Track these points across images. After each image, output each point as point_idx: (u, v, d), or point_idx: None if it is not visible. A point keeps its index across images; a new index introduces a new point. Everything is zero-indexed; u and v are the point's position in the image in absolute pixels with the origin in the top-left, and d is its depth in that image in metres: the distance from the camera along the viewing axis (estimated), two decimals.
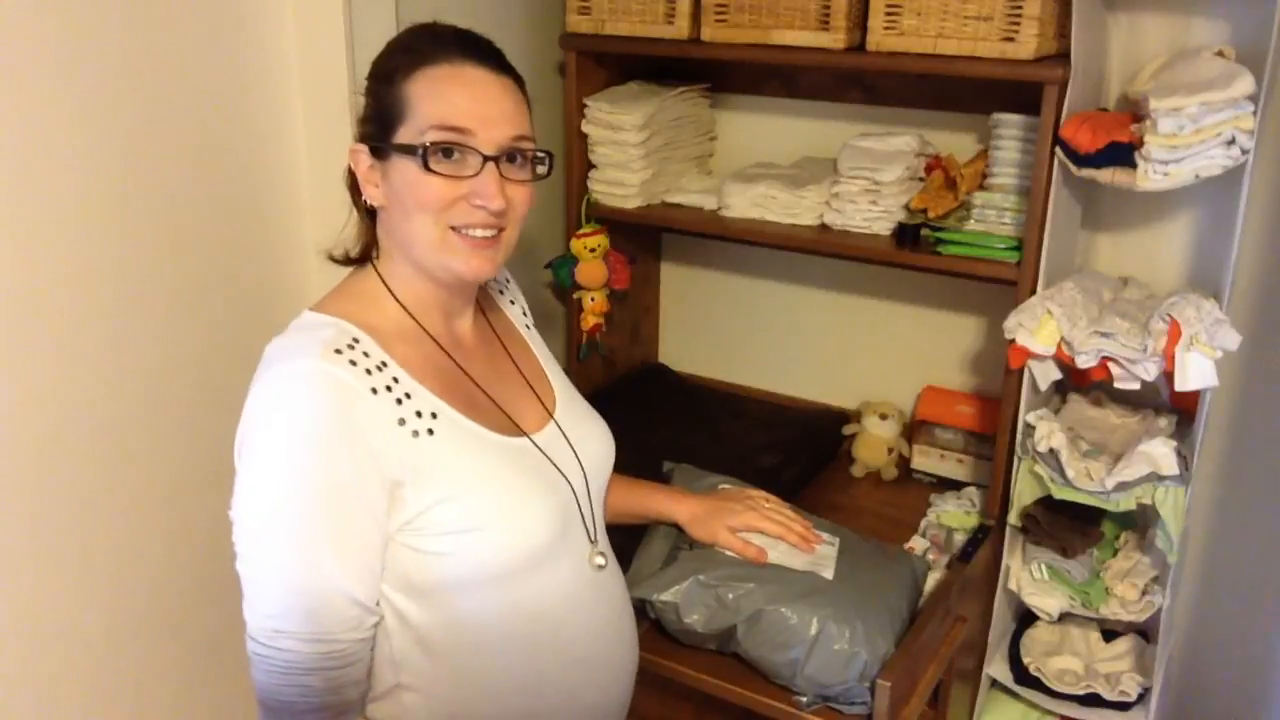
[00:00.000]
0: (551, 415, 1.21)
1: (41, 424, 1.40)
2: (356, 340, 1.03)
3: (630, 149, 1.94)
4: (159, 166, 1.49)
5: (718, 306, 2.28)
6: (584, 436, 1.23)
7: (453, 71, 1.04)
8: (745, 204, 1.90)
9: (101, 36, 1.37)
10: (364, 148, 1.07)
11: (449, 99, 1.04)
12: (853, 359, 2.15)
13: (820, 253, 1.97)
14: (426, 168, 1.03)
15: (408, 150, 1.03)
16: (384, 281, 1.10)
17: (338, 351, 1.00)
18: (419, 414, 1.03)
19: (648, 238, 2.24)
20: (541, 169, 1.11)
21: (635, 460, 1.56)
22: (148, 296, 1.51)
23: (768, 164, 2.02)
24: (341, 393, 0.98)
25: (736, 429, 2.03)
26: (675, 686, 1.24)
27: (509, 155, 1.06)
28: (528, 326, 1.32)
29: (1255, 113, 1.42)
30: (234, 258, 1.64)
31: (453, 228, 1.05)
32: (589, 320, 2.08)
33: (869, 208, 1.79)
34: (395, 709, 1.08)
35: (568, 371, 1.32)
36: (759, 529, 1.42)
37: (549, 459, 1.15)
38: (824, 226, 1.85)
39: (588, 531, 1.18)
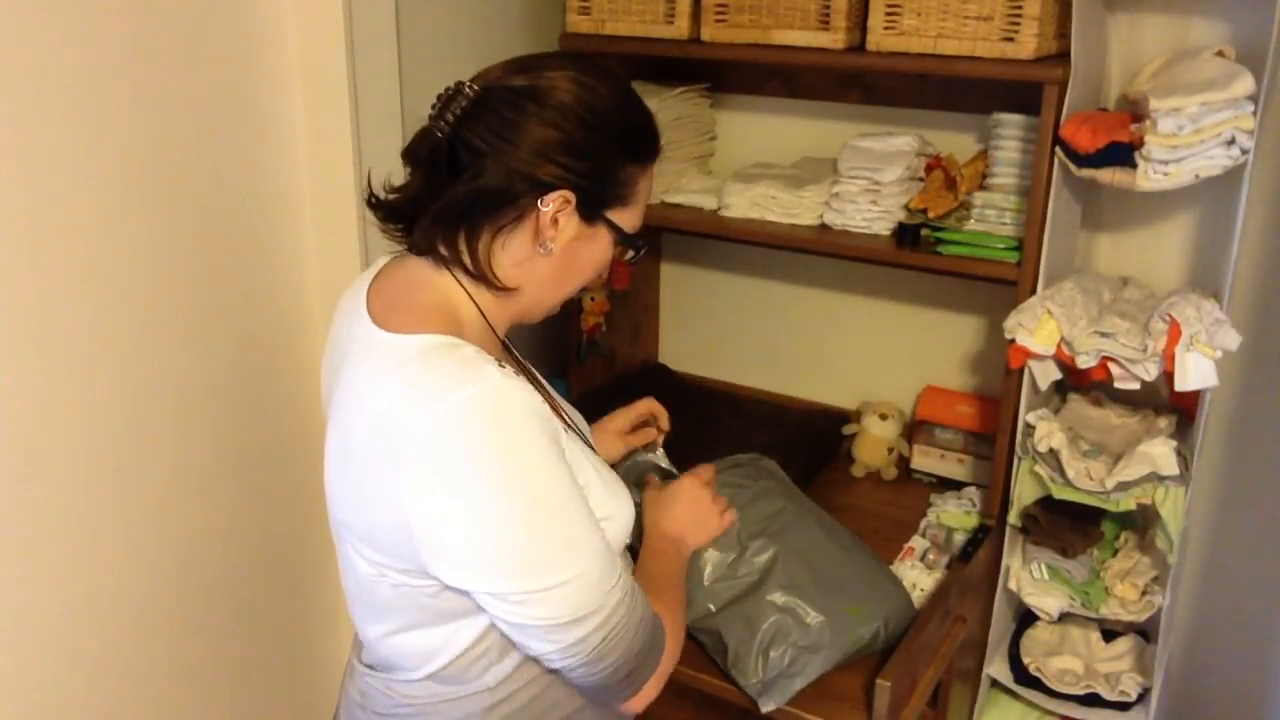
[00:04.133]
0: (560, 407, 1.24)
1: (45, 425, 1.40)
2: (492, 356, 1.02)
3: None
4: (160, 170, 1.49)
5: (718, 306, 2.28)
6: (579, 421, 1.26)
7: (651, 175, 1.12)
8: (745, 204, 1.90)
9: (103, 40, 1.37)
10: (574, 199, 1.03)
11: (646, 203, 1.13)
12: (853, 359, 2.15)
13: (820, 253, 1.97)
14: (620, 253, 1.11)
15: (622, 234, 1.09)
16: (472, 298, 1.07)
17: (501, 365, 0.99)
18: (554, 415, 1.05)
19: (648, 238, 2.23)
20: None
21: None
22: (147, 298, 1.51)
23: (768, 164, 2.02)
24: (530, 398, 0.98)
25: (736, 429, 2.03)
26: (673, 685, 1.24)
27: None
28: None
29: (1255, 113, 1.42)
30: (234, 258, 1.64)
31: None
32: (589, 320, 2.08)
33: (869, 208, 1.79)
34: (513, 686, 1.10)
35: (562, 370, 1.32)
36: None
37: (593, 449, 1.18)
38: (824, 226, 1.85)
39: None
